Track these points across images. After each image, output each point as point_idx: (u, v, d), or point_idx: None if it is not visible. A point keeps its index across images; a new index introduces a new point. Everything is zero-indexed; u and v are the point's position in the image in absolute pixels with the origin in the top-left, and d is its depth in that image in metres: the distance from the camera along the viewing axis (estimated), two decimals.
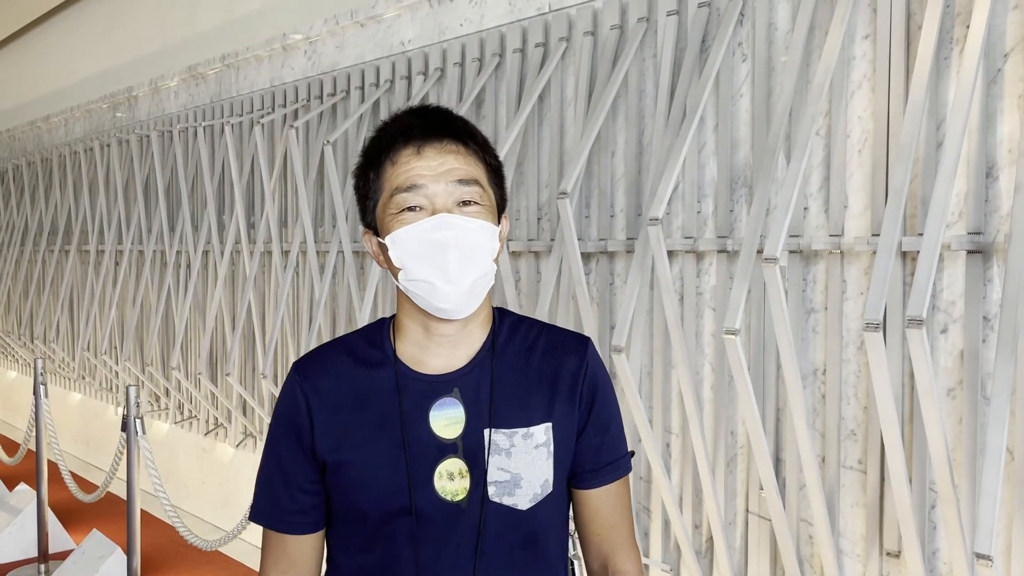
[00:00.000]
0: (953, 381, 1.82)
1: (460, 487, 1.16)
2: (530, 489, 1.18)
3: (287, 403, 1.22)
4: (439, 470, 1.16)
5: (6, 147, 7.22)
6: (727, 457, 2.22)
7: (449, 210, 1.12)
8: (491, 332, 1.23)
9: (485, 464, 1.16)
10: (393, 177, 1.14)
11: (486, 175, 1.18)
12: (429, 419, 1.17)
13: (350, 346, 1.24)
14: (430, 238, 1.12)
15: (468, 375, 1.19)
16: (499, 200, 1.20)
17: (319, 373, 1.21)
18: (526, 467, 1.18)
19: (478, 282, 1.15)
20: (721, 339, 2.20)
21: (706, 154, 2.26)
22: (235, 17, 4.47)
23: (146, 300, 4.80)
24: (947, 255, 1.81)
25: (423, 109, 1.20)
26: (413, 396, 1.18)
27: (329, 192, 3.38)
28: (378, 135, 1.19)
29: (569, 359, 1.23)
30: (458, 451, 1.17)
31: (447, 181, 1.13)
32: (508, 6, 2.78)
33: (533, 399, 1.20)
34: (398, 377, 1.19)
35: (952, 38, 1.82)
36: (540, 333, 1.25)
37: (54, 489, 4.41)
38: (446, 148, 1.14)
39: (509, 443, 1.17)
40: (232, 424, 4.31)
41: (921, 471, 1.84)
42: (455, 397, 1.18)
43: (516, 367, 1.21)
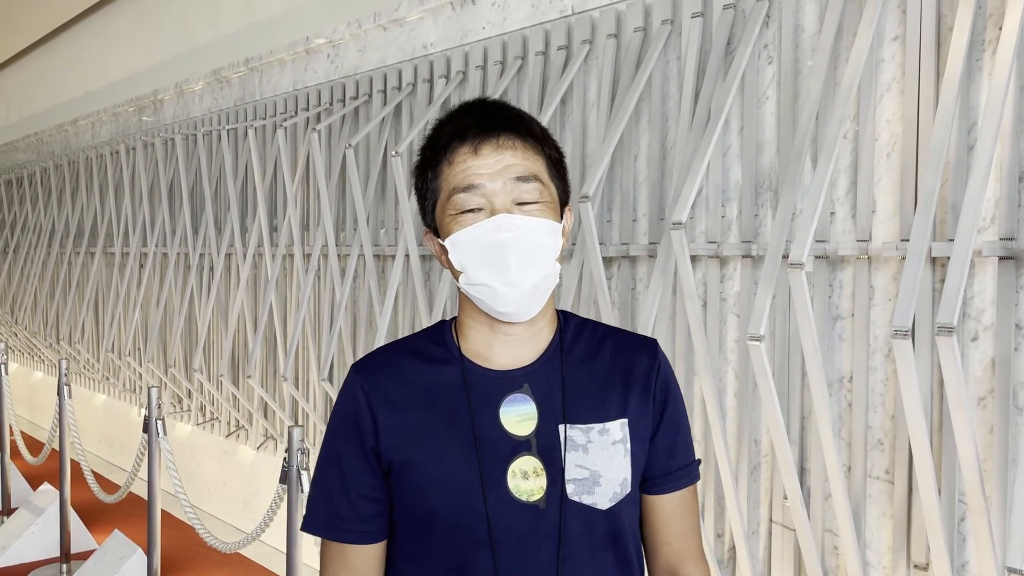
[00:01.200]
0: (984, 390, 1.78)
1: (536, 486, 1.11)
2: (610, 487, 1.12)
3: (348, 404, 1.16)
4: (512, 468, 1.11)
5: (34, 150, 7.31)
6: (750, 465, 2.19)
7: (508, 210, 1.08)
8: (557, 330, 1.19)
9: (562, 461, 1.11)
10: (450, 177, 1.11)
11: (546, 169, 1.13)
12: (499, 416, 1.12)
13: (411, 345, 1.20)
14: (489, 240, 1.08)
15: (538, 371, 1.15)
16: (562, 193, 1.16)
17: (380, 371, 1.17)
18: (604, 464, 1.12)
19: (541, 283, 1.11)
20: (745, 345, 2.17)
21: (731, 158, 2.23)
22: (258, 21, 4.50)
23: (169, 302, 4.83)
24: (978, 261, 1.77)
25: (480, 104, 1.16)
26: (481, 392, 1.13)
27: (351, 195, 3.39)
28: (435, 134, 1.15)
29: (641, 357, 1.19)
30: (532, 448, 1.11)
31: (505, 179, 1.09)
32: (531, 9, 2.77)
33: (607, 394, 1.16)
34: (465, 373, 1.14)
35: (984, 40, 1.78)
36: (606, 334, 1.22)
37: (77, 489, 4.44)
38: (503, 144, 1.10)
39: (586, 439, 1.13)
40: (253, 426, 4.32)
41: (950, 482, 1.80)
42: (526, 393, 1.14)
43: (586, 364, 1.17)
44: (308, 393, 3.82)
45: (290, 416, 3.97)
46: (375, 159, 3.36)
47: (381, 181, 3.38)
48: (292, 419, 3.97)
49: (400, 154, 2.87)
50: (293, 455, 2.46)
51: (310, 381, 3.80)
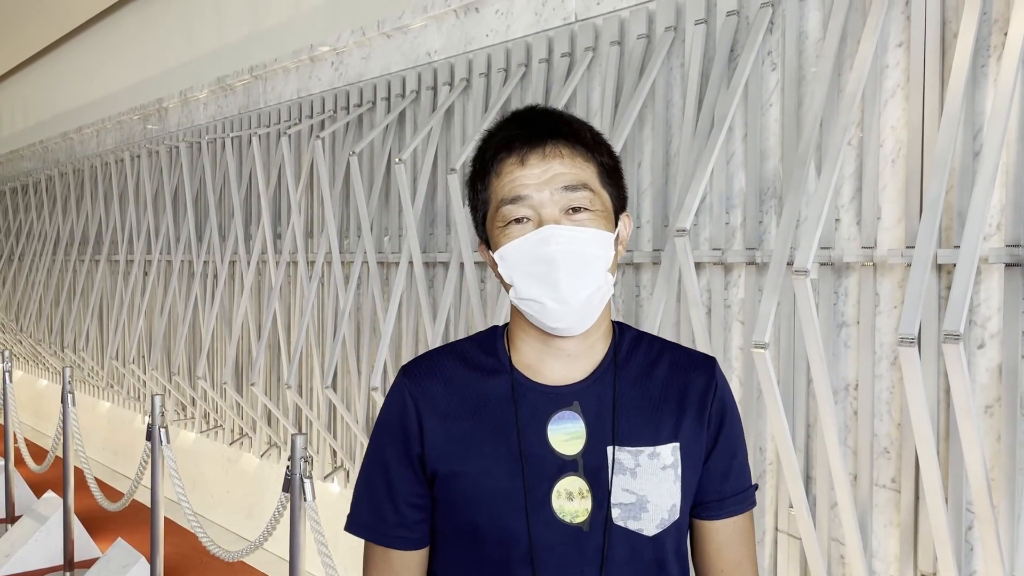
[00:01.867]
0: (991, 398, 1.77)
1: (580, 508, 1.08)
2: (657, 513, 1.09)
3: (395, 408, 1.15)
4: (558, 488, 1.08)
5: (39, 158, 7.33)
6: (756, 473, 2.17)
7: (556, 220, 1.05)
8: (612, 345, 1.15)
9: (608, 484, 1.08)
10: (498, 189, 1.09)
11: (598, 176, 1.10)
12: (547, 433, 1.09)
13: (462, 352, 1.17)
14: (537, 254, 1.05)
15: (589, 388, 1.11)
16: (616, 200, 1.12)
17: (429, 377, 1.14)
18: (653, 489, 1.09)
19: (592, 297, 1.07)
20: (750, 353, 2.16)
21: (735, 164, 2.22)
22: (263, 29, 4.51)
23: (173, 309, 4.84)
24: (984, 268, 1.76)
25: (528, 112, 1.13)
26: (530, 407, 1.10)
27: (355, 202, 3.38)
28: (483, 145, 1.13)
29: (697, 377, 1.15)
30: (578, 469, 1.08)
31: (552, 189, 1.06)
32: (534, 16, 2.77)
33: (659, 417, 1.12)
34: (514, 386, 1.11)
35: (989, 45, 1.77)
36: (663, 349, 1.17)
37: (80, 497, 4.44)
38: (550, 153, 1.07)
39: (634, 462, 1.09)
40: (257, 434, 4.32)
41: (957, 490, 1.79)
42: (575, 411, 1.10)
43: (640, 383, 1.13)
44: (312, 401, 3.82)
45: (294, 424, 3.96)
46: (379, 166, 3.36)
47: (385, 188, 3.38)
48: (296, 427, 3.96)
49: (404, 161, 2.87)
50: (296, 463, 2.45)
51: (314, 389, 3.80)
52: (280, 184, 4.00)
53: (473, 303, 2.73)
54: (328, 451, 3.75)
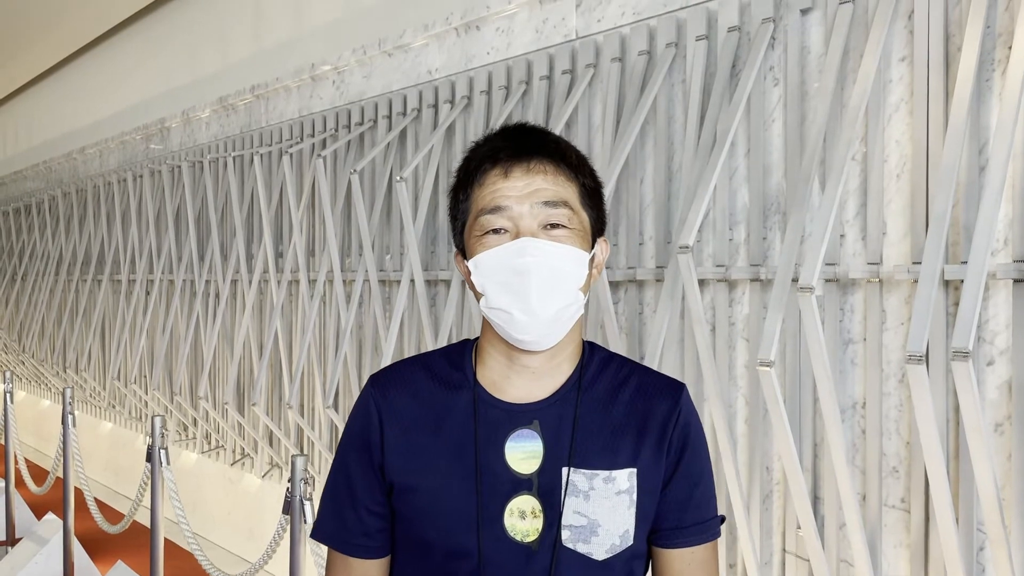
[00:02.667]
0: (1001, 415, 1.74)
1: (532, 527, 1.08)
2: (608, 539, 1.08)
3: (360, 417, 1.16)
4: (511, 506, 1.08)
5: (43, 178, 7.35)
6: (762, 494, 2.14)
7: (533, 233, 1.06)
8: (579, 365, 1.14)
9: (561, 505, 1.08)
10: (479, 199, 1.10)
11: (578, 196, 1.10)
12: (504, 450, 1.10)
13: (430, 364, 1.17)
14: (510, 264, 1.06)
15: (550, 408, 1.11)
16: (595, 222, 1.13)
17: (395, 387, 1.15)
18: (605, 514, 1.08)
19: (561, 313, 1.07)
20: (755, 371, 2.13)
21: (738, 180, 2.21)
22: (265, 48, 4.52)
23: (175, 329, 4.82)
24: (992, 284, 1.74)
25: (517, 128, 1.14)
26: (489, 424, 1.11)
27: (356, 221, 3.37)
28: (469, 155, 1.14)
29: (661, 403, 1.14)
30: (533, 488, 1.08)
31: (532, 203, 1.07)
32: (535, 33, 2.77)
33: (619, 441, 1.11)
34: (476, 402, 1.12)
35: (993, 59, 1.76)
36: (631, 372, 1.16)
37: (81, 519, 4.41)
38: (535, 168, 1.08)
39: (588, 485, 1.09)
40: (258, 455, 4.29)
41: (968, 511, 1.76)
42: (534, 429, 1.10)
43: (603, 405, 1.12)
44: (313, 421, 3.79)
45: (295, 444, 3.93)
46: (380, 184, 3.35)
47: (386, 206, 3.37)
48: (297, 447, 3.93)
49: (405, 179, 2.86)
50: (296, 485, 2.42)
51: (315, 408, 3.77)
52: (282, 203, 3.99)
53: (475, 321, 2.71)
54: None
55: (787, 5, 2.09)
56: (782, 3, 2.11)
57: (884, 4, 1.87)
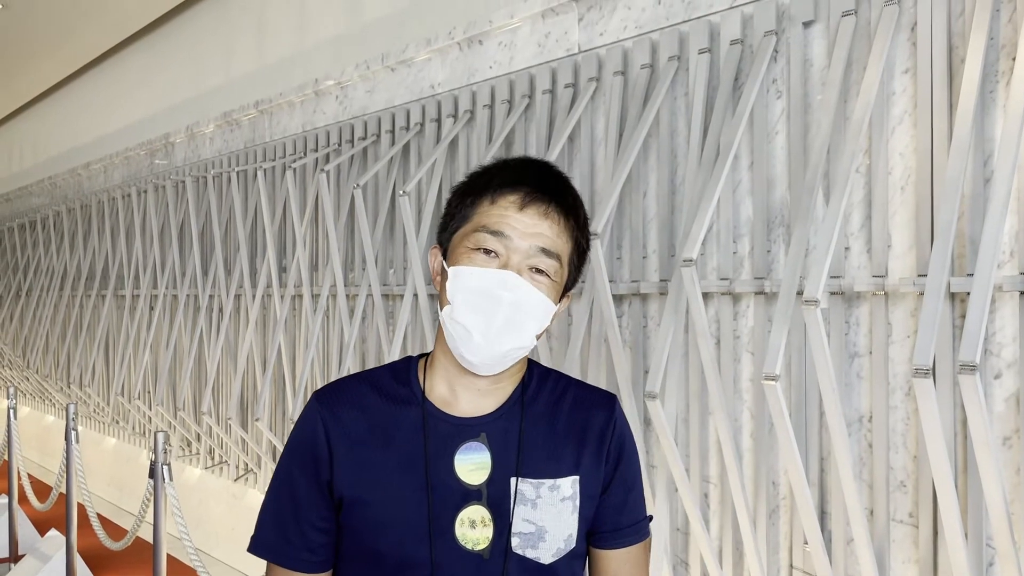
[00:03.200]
0: (1009, 429, 1.72)
1: (482, 536, 1.12)
2: (554, 543, 1.14)
3: (305, 432, 1.17)
4: (461, 516, 1.12)
5: (48, 194, 7.37)
6: (769, 508, 2.12)
7: (519, 270, 1.11)
8: (521, 382, 1.21)
9: (510, 514, 1.13)
10: (485, 214, 1.12)
11: (570, 254, 1.16)
12: (454, 463, 1.14)
13: (376, 380, 1.20)
14: (488, 289, 1.10)
15: (496, 421, 1.16)
16: (571, 280, 1.18)
17: (342, 404, 1.17)
18: (551, 520, 1.14)
19: (512, 352, 1.13)
20: (760, 384, 2.11)
21: (741, 193, 2.20)
22: (268, 64, 4.53)
23: (179, 343, 4.82)
24: (999, 296, 1.73)
25: (545, 166, 1.19)
26: (439, 438, 1.15)
27: (359, 235, 3.37)
28: (492, 168, 1.17)
29: (597, 413, 1.21)
30: (482, 498, 1.13)
31: (531, 244, 1.11)
32: (537, 48, 2.77)
33: (561, 451, 1.17)
34: (425, 416, 1.16)
35: (997, 71, 1.75)
36: (568, 386, 1.23)
37: (84, 535, 4.39)
38: (547, 214, 1.12)
39: (536, 494, 1.14)
40: (262, 470, 4.27)
41: (977, 525, 1.74)
42: (482, 442, 1.15)
43: (544, 418, 1.19)
44: None
45: None
46: (383, 199, 3.35)
47: (389, 221, 3.37)
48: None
49: (408, 193, 2.85)
50: None
51: None
52: (285, 217, 4.00)
53: None
54: None
55: (789, 18, 2.09)
56: (784, 16, 2.11)
57: (887, 16, 1.87)
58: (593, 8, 2.58)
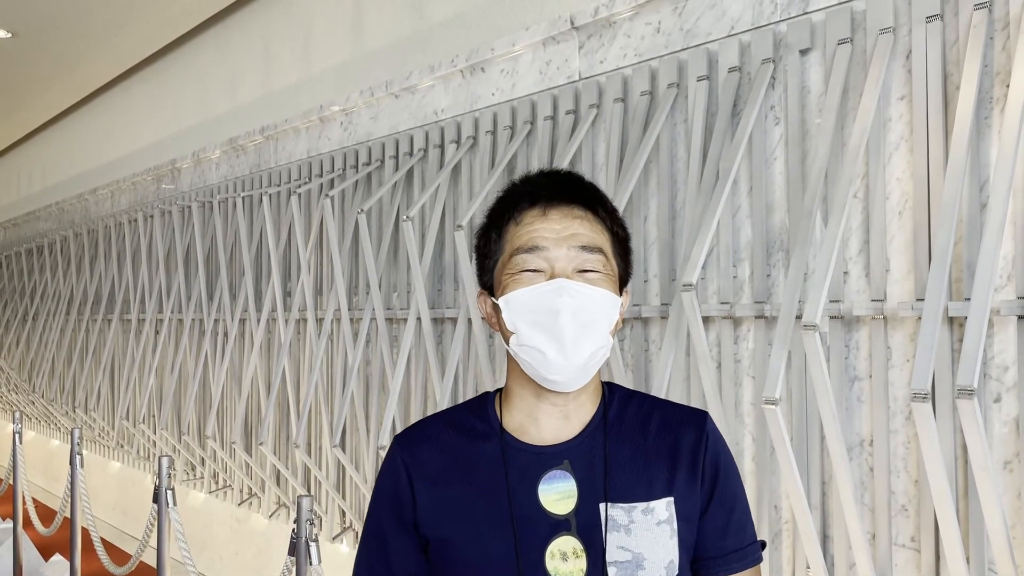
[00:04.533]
0: (1009, 453, 1.73)
1: (575, 568, 1.06)
2: (654, 571, 1.07)
3: (389, 476, 1.15)
4: (551, 549, 1.07)
5: (55, 219, 7.43)
6: (771, 533, 2.12)
7: (568, 276, 1.07)
8: (602, 403, 1.15)
9: (603, 542, 1.07)
10: (515, 237, 1.10)
11: (611, 245, 1.12)
12: (538, 493, 1.09)
13: (453, 417, 1.18)
14: (546, 304, 1.06)
15: (579, 446, 1.11)
16: (623, 272, 1.14)
17: (421, 444, 1.15)
18: (649, 546, 1.07)
19: (594, 356, 1.08)
20: (761, 408, 2.12)
21: (740, 218, 2.22)
22: (274, 90, 4.58)
23: (184, 367, 4.83)
24: (997, 320, 1.74)
25: (553, 172, 1.16)
26: (520, 468, 1.10)
27: (363, 260, 3.39)
28: (505, 195, 1.15)
29: (688, 432, 1.14)
30: (571, 528, 1.07)
31: (569, 246, 1.08)
32: (539, 75, 2.80)
33: (652, 472, 1.11)
34: (504, 448, 1.12)
35: (992, 97, 1.77)
36: (654, 407, 1.18)
37: (88, 560, 4.38)
38: (573, 213, 1.10)
39: (628, 519, 1.08)
40: (266, 494, 4.27)
41: (979, 550, 1.73)
42: (566, 469, 1.10)
43: (631, 439, 1.13)
44: (320, 460, 3.78)
45: (303, 484, 3.92)
46: (387, 223, 3.37)
47: (393, 245, 3.39)
48: (305, 487, 3.91)
49: (412, 218, 2.88)
50: (302, 526, 2.41)
51: (322, 448, 3.76)
52: (290, 242, 4.03)
53: (481, 359, 2.71)
54: (337, 511, 3.70)
55: (786, 46, 2.12)
56: (781, 44, 2.14)
57: (882, 44, 1.90)
58: (593, 36, 2.62)
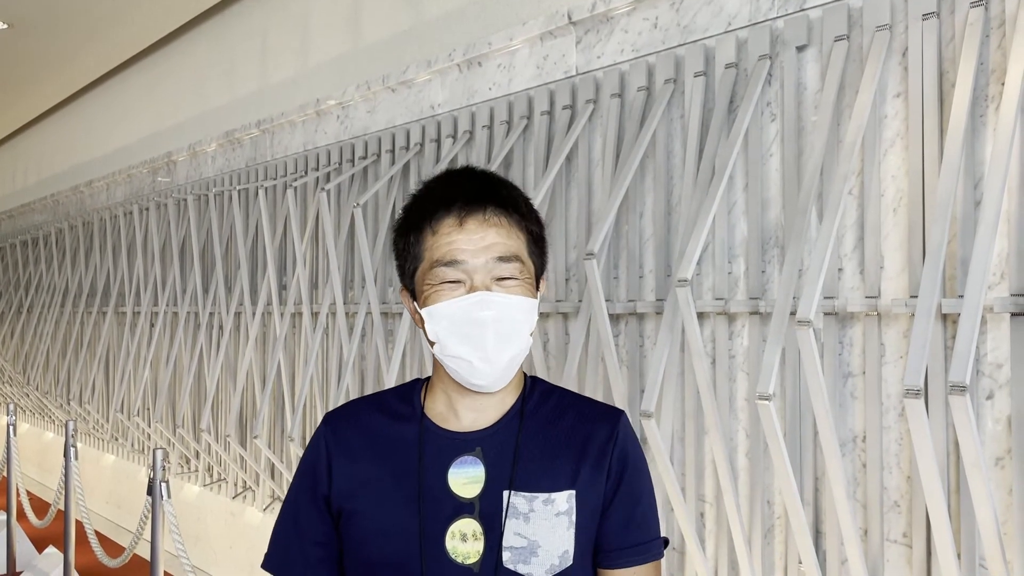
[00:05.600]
0: (1001, 450, 1.73)
1: (473, 550, 1.13)
2: (547, 559, 1.13)
3: (311, 452, 1.23)
4: (452, 529, 1.13)
5: (50, 211, 7.41)
6: (764, 528, 2.13)
7: (487, 286, 1.12)
8: (521, 396, 1.21)
9: (502, 527, 1.13)
10: (434, 248, 1.13)
11: (527, 246, 1.17)
12: (448, 476, 1.15)
13: (381, 400, 1.25)
14: (468, 316, 1.11)
15: (493, 435, 1.17)
16: (539, 268, 1.19)
17: (345, 423, 1.22)
18: (545, 535, 1.13)
19: (515, 358, 1.15)
20: (755, 404, 2.13)
21: (736, 214, 2.22)
22: (271, 84, 4.58)
23: (179, 361, 4.83)
24: (990, 317, 1.74)
25: (467, 173, 1.19)
26: (434, 451, 1.17)
27: (359, 254, 3.39)
28: (420, 197, 1.18)
29: (600, 428, 1.20)
30: (474, 511, 1.14)
31: (487, 257, 1.12)
32: (536, 70, 2.80)
33: (558, 465, 1.17)
34: (422, 432, 1.18)
35: (987, 95, 1.78)
36: (572, 402, 1.23)
37: (81, 552, 4.38)
38: (488, 220, 1.13)
39: (528, 507, 1.14)
40: (260, 488, 4.27)
41: (970, 545, 1.74)
42: (477, 456, 1.16)
43: (543, 432, 1.19)
44: None
45: None
46: (383, 218, 3.37)
47: (389, 239, 3.39)
48: None
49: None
50: None
51: None
52: (286, 236, 4.02)
53: None
54: None
55: (783, 42, 2.12)
56: (778, 40, 2.14)
57: (878, 41, 1.90)
58: (591, 31, 2.62)
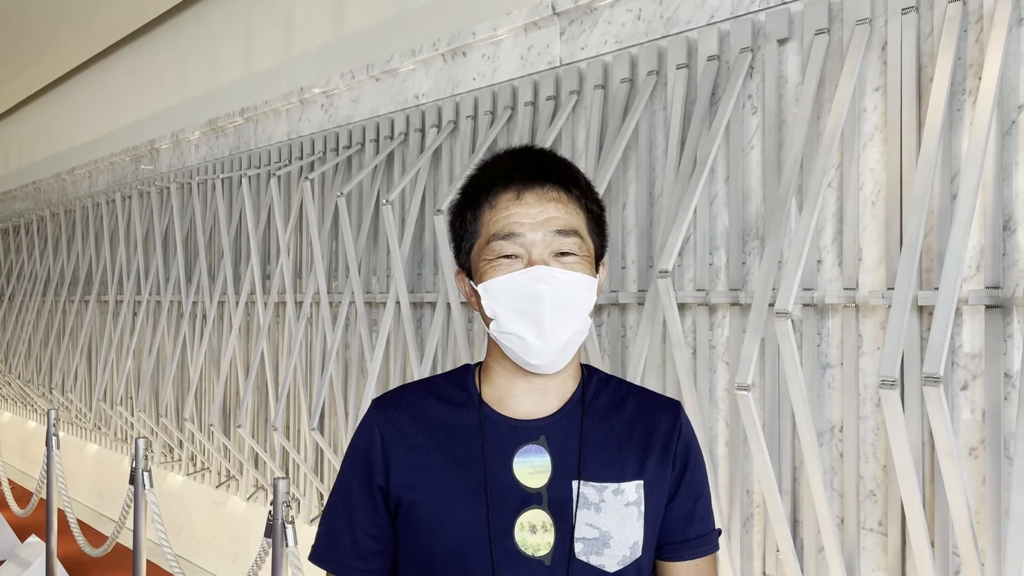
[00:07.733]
0: (975, 440, 1.76)
1: (543, 541, 1.08)
2: (619, 550, 1.09)
3: (363, 439, 1.16)
4: (520, 521, 1.08)
5: (32, 199, 7.35)
6: (743, 517, 2.15)
7: (545, 261, 1.08)
8: (580, 384, 1.17)
9: (572, 518, 1.09)
10: (491, 223, 1.10)
11: (586, 223, 1.12)
12: (513, 465, 1.10)
13: (433, 386, 1.19)
14: (525, 291, 1.07)
15: (556, 424, 1.13)
16: (599, 248, 1.15)
17: (398, 409, 1.16)
18: (616, 525, 1.10)
19: (572, 338, 1.10)
20: (735, 394, 2.15)
21: (717, 206, 2.24)
22: (255, 72, 4.55)
23: (162, 349, 4.81)
24: (965, 310, 1.77)
25: (526, 150, 1.16)
26: (496, 439, 1.12)
27: (343, 243, 3.39)
28: (478, 174, 1.15)
29: (663, 418, 1.17)
30: (542, 502, 1.09)
31: (545, 231, 1.08)
32: (520, 60, 2.80)
33: (625, 454, 1.13)
34: (482, 418, 1.13)
35: (964, 90, 1.80)
36: (630, 391, 1.20)
37: (64, 541, 4.37)
38: (547, 195, 1.09)
39: (599, 498, 1.10)
40: (243, 477, 4.27)
41: (944, 534, 1.77)
42: (541, 444, 1.11)
43: (606, 420, 1.15)
44: (299, 443, 3.78)
45: (280, 466, 3.92)
46: (367, 207, 3.37)
47: (373, 229, 3.39)
48: (283, 469, 3.92)
49: (391, 202, 2.88)
50: (279, 508, 2.42)
51: (301, 431, 3.77)
52: (269, 225, 4.01)
53: (460, 343, 2.72)
54: (315, 494, 3.71)
55: (765, 35, 2.13)
56: (760, 33, 2.15)
57: (858, 35, 1.91)
58: (575, 23, 2.62)
